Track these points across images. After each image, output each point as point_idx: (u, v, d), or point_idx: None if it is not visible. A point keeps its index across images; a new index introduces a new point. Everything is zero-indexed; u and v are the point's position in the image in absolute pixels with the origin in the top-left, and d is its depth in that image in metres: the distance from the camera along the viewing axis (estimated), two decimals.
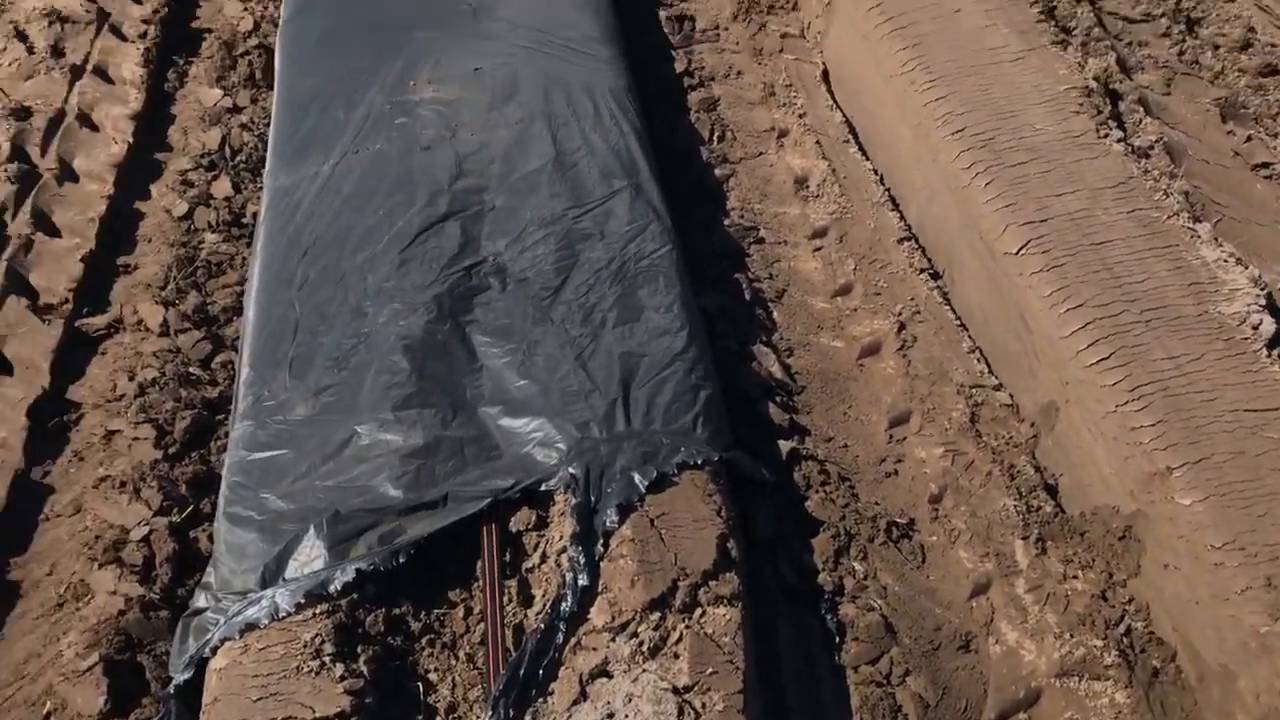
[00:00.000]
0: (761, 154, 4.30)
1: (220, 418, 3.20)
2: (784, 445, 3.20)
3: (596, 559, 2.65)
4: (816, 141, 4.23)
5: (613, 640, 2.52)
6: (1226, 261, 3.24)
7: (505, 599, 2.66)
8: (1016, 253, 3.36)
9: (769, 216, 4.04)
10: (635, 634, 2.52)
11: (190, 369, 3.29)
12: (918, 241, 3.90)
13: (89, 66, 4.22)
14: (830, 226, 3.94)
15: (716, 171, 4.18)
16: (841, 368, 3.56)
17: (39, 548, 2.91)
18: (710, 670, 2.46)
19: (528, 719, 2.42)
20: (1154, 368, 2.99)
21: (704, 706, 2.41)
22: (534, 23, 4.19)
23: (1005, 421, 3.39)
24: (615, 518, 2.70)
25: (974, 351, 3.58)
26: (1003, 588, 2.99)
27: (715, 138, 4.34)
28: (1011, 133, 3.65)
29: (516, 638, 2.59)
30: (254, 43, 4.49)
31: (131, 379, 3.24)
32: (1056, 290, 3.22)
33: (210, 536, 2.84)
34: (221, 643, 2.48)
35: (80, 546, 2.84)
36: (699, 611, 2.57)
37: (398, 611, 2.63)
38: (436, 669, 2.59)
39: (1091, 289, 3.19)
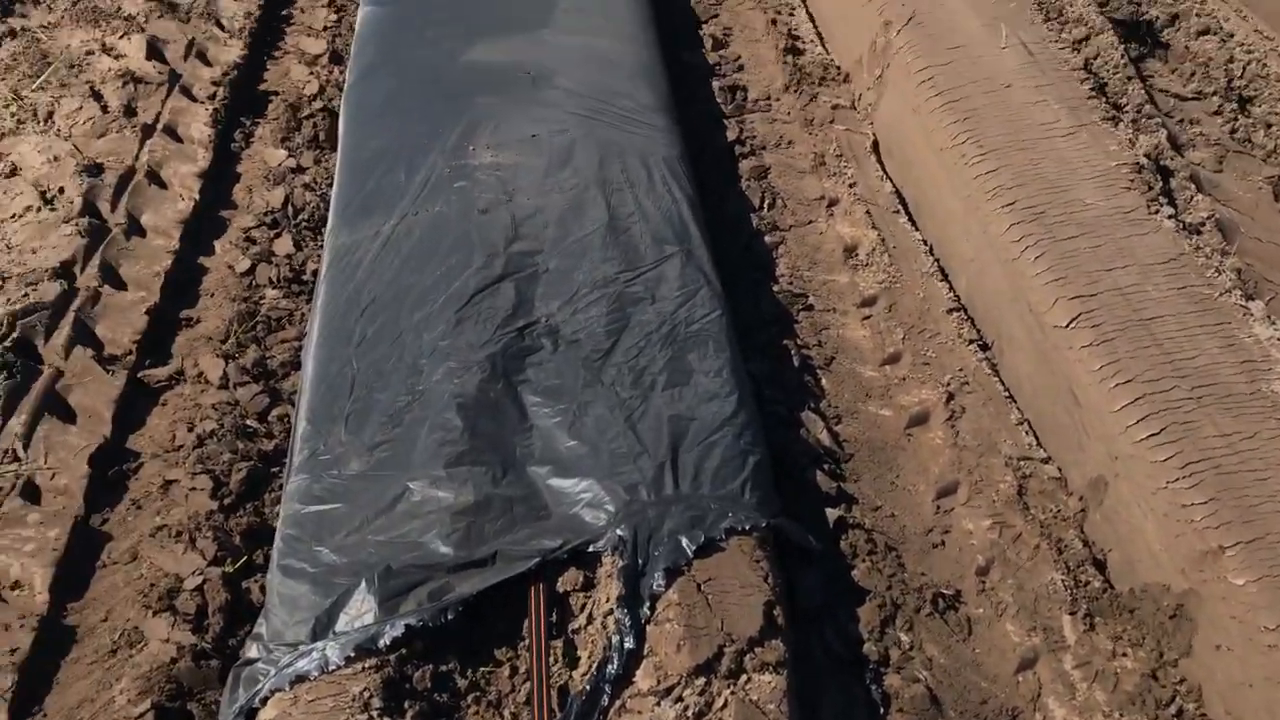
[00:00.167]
0: (811, 222, 4.35)
1: (275, 470, 3.25)
2: (831, 513, 3.21)
3: (643, 622, 2.65)
4: (866, 211, 4.28)
5: (657, 704, 2.51)
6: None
7: (551, 659, 2.68)
8: (1066, 326, 3.37)
9: (818, 284, 4.08)
10: (680, 699, 2.52)
11: (248, 422, 3.36)
12: (967, 312, 3.91)
13: (159, 126, 4.36)
14: (879, 295, 3.97)
15: (766, 238, 4.23)
16: (889, 436, 3.57)
17: (95, 593, 2.96)
18: None
19: None
20: (1206, 445, 2.97)
21: None
22: (591, 91, 4.29)
23: (1053, 495, 3.38)
24: (662, 581, 2.71)
25: (1022, 424, 3.57)
26: (1050, 663, 2.96)
27: (765, 205, 4.39)
28: (1062, 207, 3.68)
29: (561, 699, 2.59)
30: (318, 106, 4.63)
31: (190, 430, 3.31)
32: (1106, 364, 3.22)
33: (262, 587, 2.88)
34: (271, 694, 2.50)
35: (135, 594, 2.89)
36: (744, 678, 2.57)
37: (445, 668, 2.64)
38: None
39: (1142, 364, 3.19)
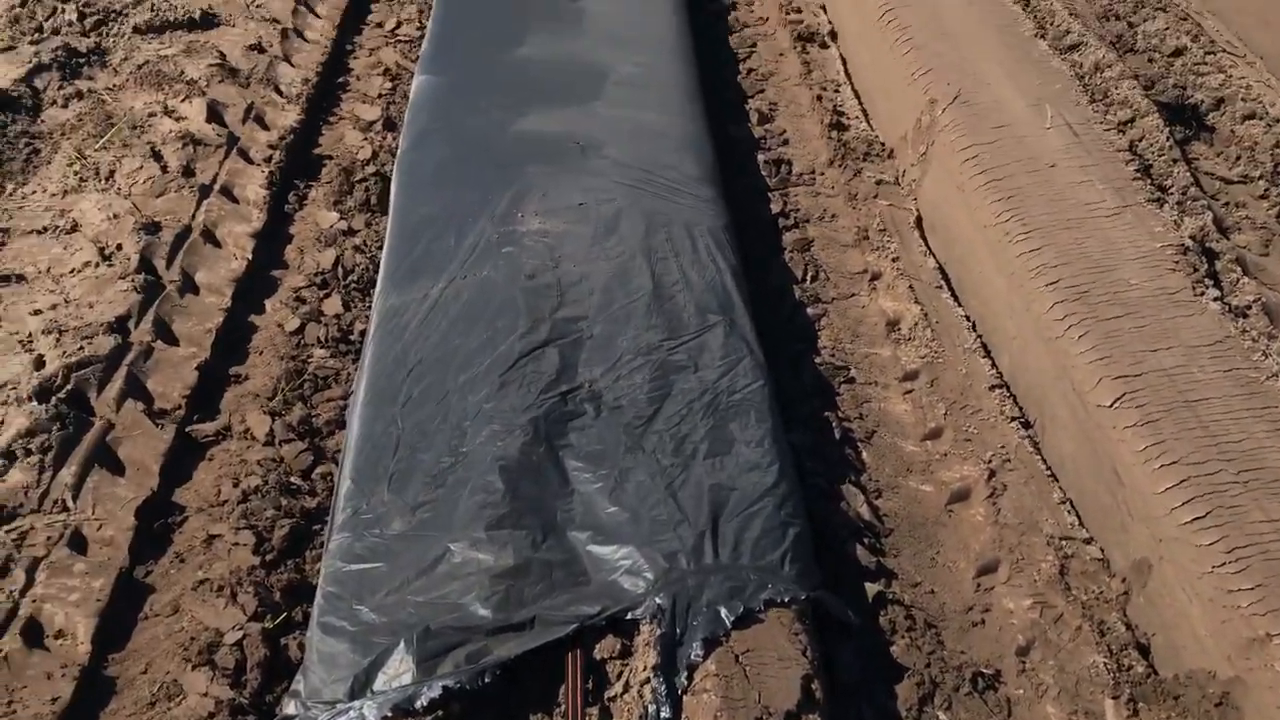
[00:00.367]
0: (854, 295, 4.37)
1: (316, 528, 3.28)
2: (870, 588, 3.19)
3: (679, 692, 2.64)
4: (909, 286, 4.30)
5: None
6: None
7: None
8: (1110, 406, 3.35)
9: (860, 357, 4.09)
10: None
11: (292, 479, 3.40)
12: (1009, 389, 3.91)
13: (216, 186, 4.47)
14: (921, 370, 3.97)
15: (809, 310, 4.25)
16: (930, 512, 3.55)
17: (136, 645, 2.98)
18: None
19: None
20: (1252, 529, 2.94)
21: None
22: (638, 162, 4.36)
23: (1096, 576, 3.34)
24: (700, 651, 2.70)
25: (1064, 503, 3.54)
26: None
27: (809, 277, 4.42)
28: (1106, 287, 3.68)
29: None
30: (371, 170, 4.73)
31: (235, 485, 3.35)
32: (1151, 445, 3.20)
33: (300, 644, 2.89)
34: None
35: (176, 646, 2.91)
36: None
37: None
38: None
39: (1187, 446, 3.17)
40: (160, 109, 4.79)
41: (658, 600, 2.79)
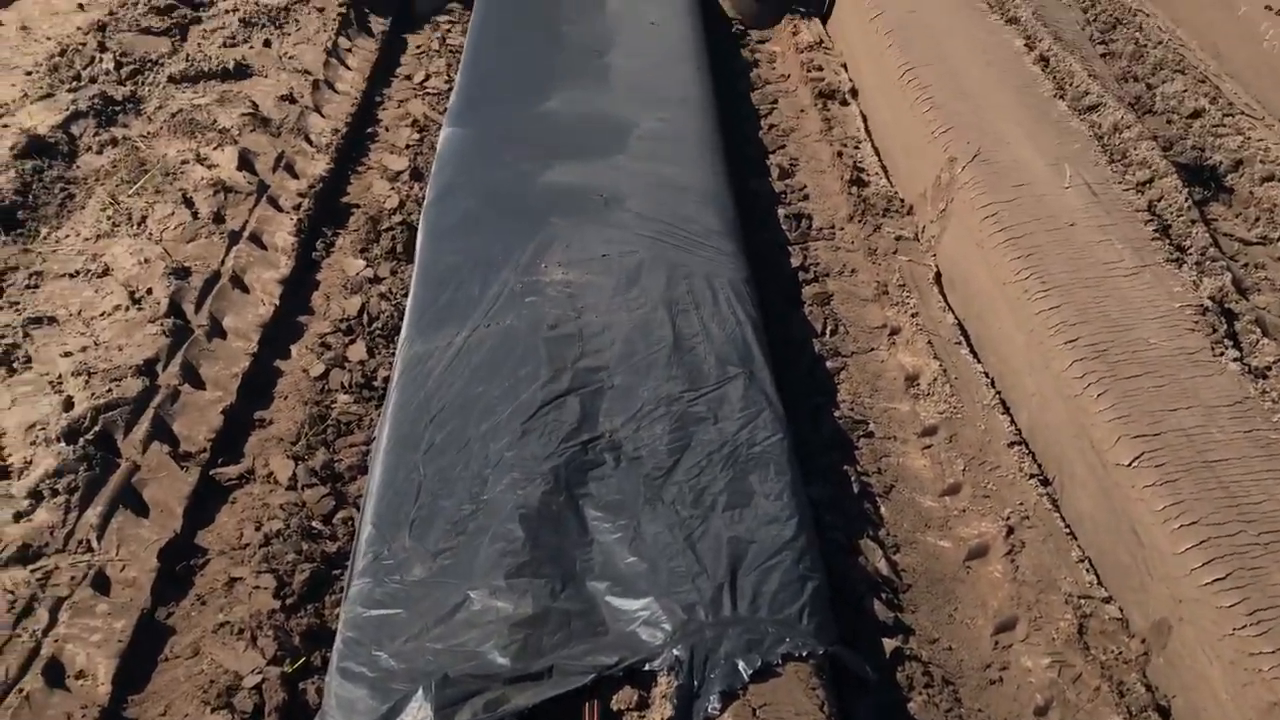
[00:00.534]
0: (873, 350, 4.40)
1: (337, 573, 3.30)
2: (888, 643, 3.18)
3: None
4: (928, 341, 4.32)
5: None
6: None
7: None
8: (1129, 465, 3.36)
9: (879, 411, 4.11)
10: None
11: (313, 523, 3.43)
12: (1028, 446, 3.91)
13: (246, 233, 4.54)
14: (940, 426, 3.98)
15: (828, 364, 4.28)
16: (948, 569, 3.55)
17: (155, 687, 2.99)
18: None
19: None
20: (1274, 591, 2.93)
21: None
22: (660, 215, 4.42)
23: (1115, 636, 3.32)
24: (717, 704, 2.69)
25: (1083, 561, 3.54)
26: None
27: (828, 331, 4.46)
28: (1125, 346, 3.70)
29: None
30: (398, 219, 4.81)
31: (258, 529, 3.38)
32: (1170, 505, 3.20)
33: (318, 689, 2.90)
34: None
35: (195, 689, 2.92)
36: None
37: None
38: None
39: (1206, 506, 3.16)
40: (193, 156, 4.88)
41: (675, 652, 2.79)
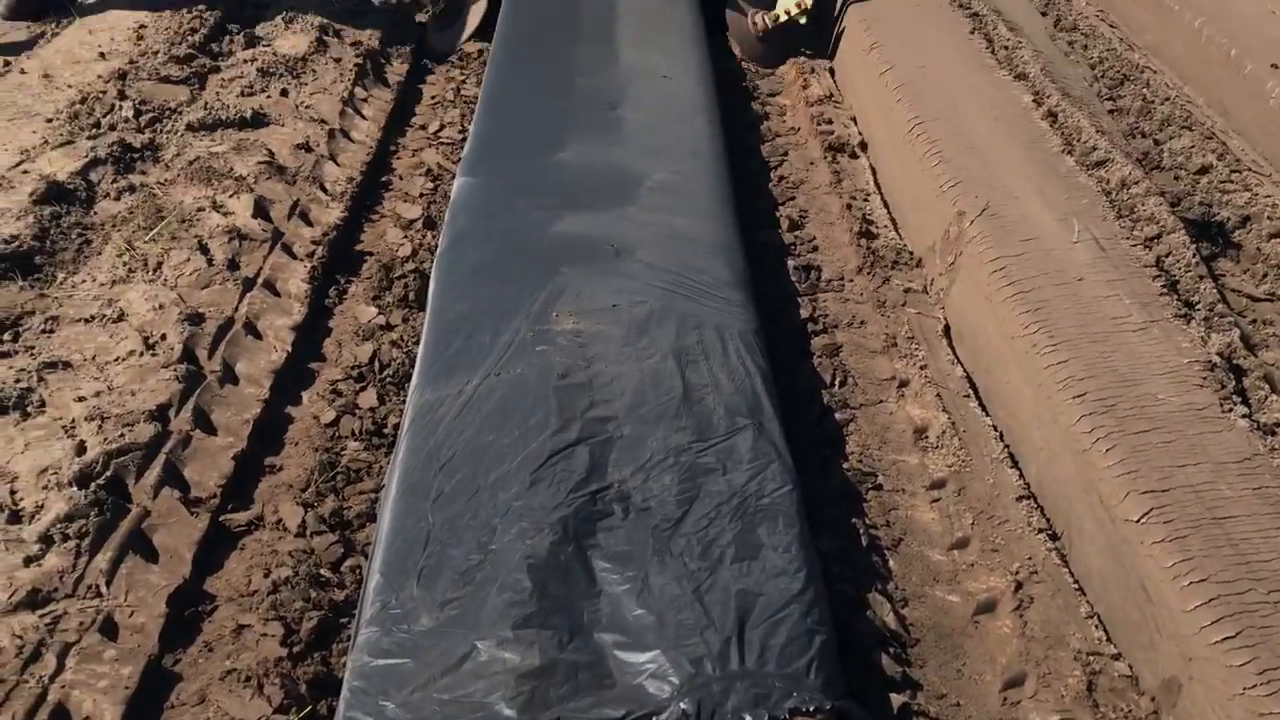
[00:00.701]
0: (881, 402, 4.41)
1: (344, 621, 3.30)
2: (896, 699, 3.17)
3: None
4: (937, 394, 4.34)
5: None
6: None
7: None
8: (1138, 520, 3.35)
9: (887, 464, 4.11)
10: None
11: (322, 571, 3.43)
12: (1036, 500, 3.91)
13: (260, 280, 4.59)
14: (948, 479, 3.99)
15: (837, 415, 4.29)
16: (956, 623, 3.53)
17: None
18: None
19: None
20: None
21: None
22: (670, 265, 4.45)
23: (1124, 693, 3.30)
24: None
25: (1092, 617, 3.52)
26: None
27: (837, 383, 4.47)
28: (1133, 401, 3.71)
29: None
30: (410, 267, 4.85)
31: (266, 576, 3.39)
32: (1179, 562, 3.19)
33: None
34: None
35: None
36: None
37: None
38: None
39: (1216, 564, 3.16)
40: (209, 204, 4.94)
41: (682, 706, 2.78)
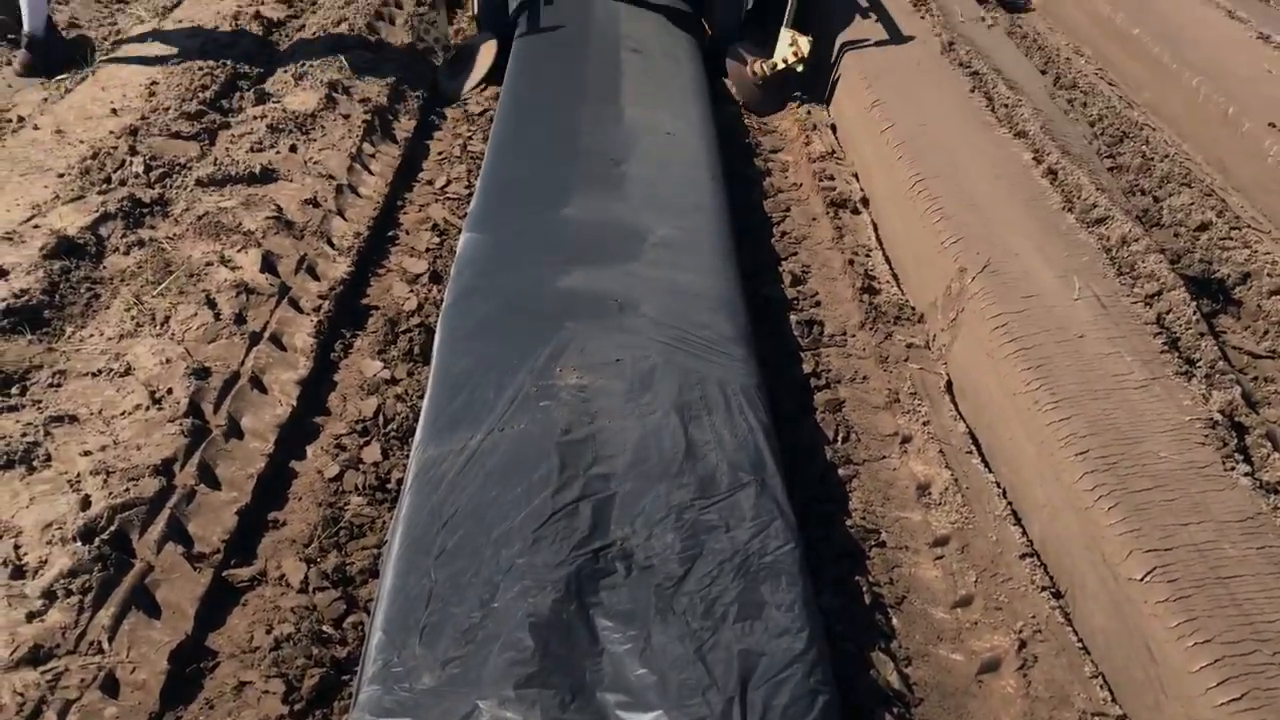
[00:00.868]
0: (884, 458, 4.42)
1: (345, 678, 3.29)
2: None
3: None
4: (940, 450, 4.34)
5: None
6: None
7: None
8: (1141, 579, 3.35)
9: (890, 520, 4.11)
10: None
11: (324, 627, 3.43)
12: (1039, 558, 3.91)
13: (266, 334, 4.61)
14: (952, 536, 3.98)
15: (840, 471, 4.30)
16: (960, 682, 3.52)
17: None
18: None
19: None
20: None
21: None
22: (673, 321, 4.48)
23: None
24: None
25: (1096, 677, 3.50)
26: None
27: (840, 438, 4.48)
28: (1135, 459, 3.71)
29: None
30: (415, 322, 4.89)
31: (268, 632, 3.39)
32: (1183, 622, 3.19)
33: None
34: None
35: None
36: None
37: None
38: None
39: (1220, 624, 3.15)
40: (217, 258, 4.98)
41: None
